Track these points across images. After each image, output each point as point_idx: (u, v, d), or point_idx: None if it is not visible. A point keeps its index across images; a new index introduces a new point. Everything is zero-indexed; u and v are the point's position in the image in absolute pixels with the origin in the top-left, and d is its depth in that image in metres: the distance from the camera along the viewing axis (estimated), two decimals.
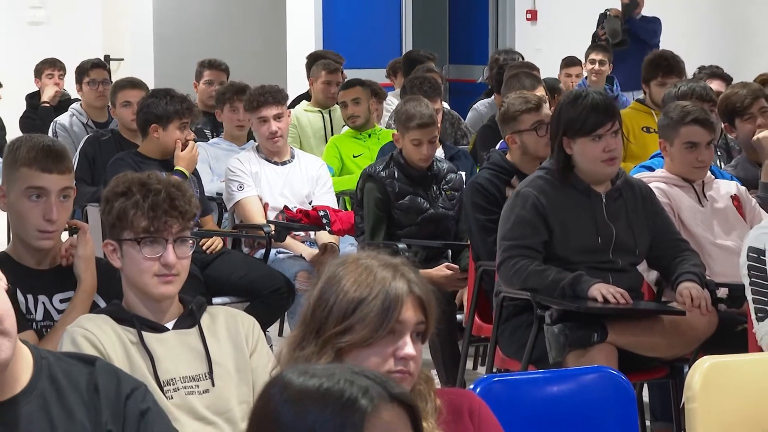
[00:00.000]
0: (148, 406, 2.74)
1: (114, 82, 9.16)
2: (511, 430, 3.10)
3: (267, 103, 7.35)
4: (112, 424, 2.67)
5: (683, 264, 5.49)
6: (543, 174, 5.54)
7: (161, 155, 7.02)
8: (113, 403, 2.69)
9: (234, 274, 6.79)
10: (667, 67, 8.60)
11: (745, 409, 3.75)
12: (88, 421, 2.66)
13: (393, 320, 2.76)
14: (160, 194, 3.66)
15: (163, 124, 7.00)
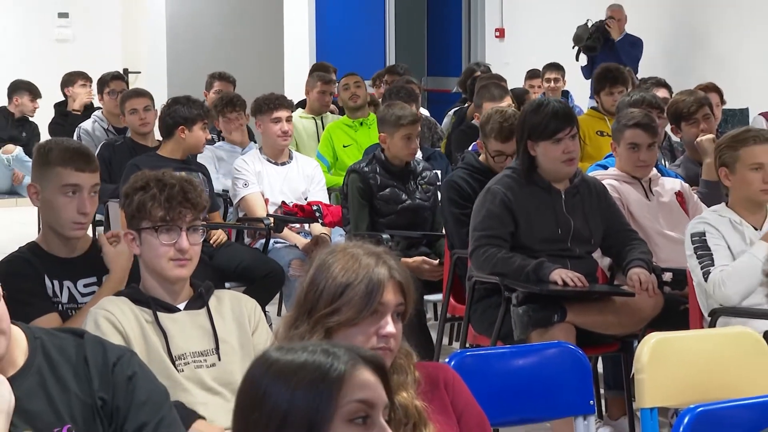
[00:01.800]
0: (134, 371, 2.72)
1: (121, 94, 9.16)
2: (482, 399, 3.09)
3: (282, 107, 7.44)
4: (103, 392, 2.65)
5: (632, 252, 5.51)
6: (510, 173, 5.55)
7: (182, 154, 7.07)
8: (101, 371, 2.68)
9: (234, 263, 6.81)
10: (613, 79, 8.71)
11: (685, 378, 3.75)
12: (81, 392, 2.65)
13: (376, 302, 2.77)
14: (175, 188, 3.69)
15: (188, 125, 7.06)
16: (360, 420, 2.04)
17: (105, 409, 2.64)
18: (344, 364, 2.05)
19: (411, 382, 2.86)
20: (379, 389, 2.08)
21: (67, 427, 2.59)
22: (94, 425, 2.62)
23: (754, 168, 5.10)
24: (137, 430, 2.63)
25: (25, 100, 11.17)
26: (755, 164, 5.11)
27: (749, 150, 5.12)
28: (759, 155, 5.11)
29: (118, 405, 2.64)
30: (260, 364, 2.12)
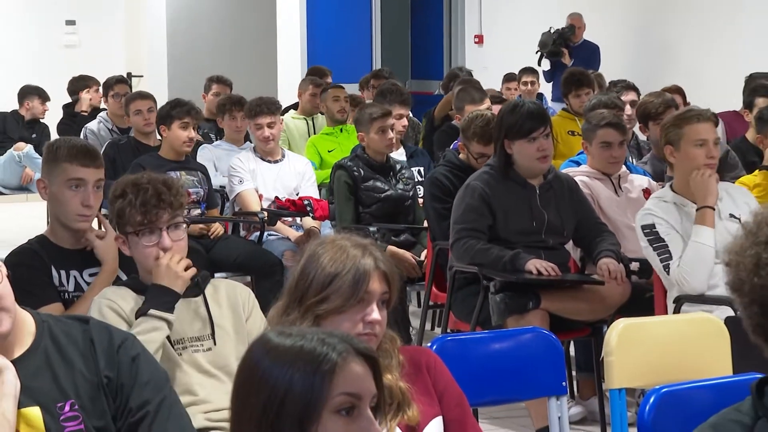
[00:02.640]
0: (137, 352, 2.72)
1: (125, 96, 9.15)
2: (462, 380, 3.08)
3: (262, 113, 7.39)
4: (108, 370, 2.64)
5: (602, 243, 5.51)
6: (488, 170, 5.55)
7: (175, 155, 7.06)
8: (107, 352, 2.67)
9: (232, 255, 6.80)
10: (578, 82, 8.76)
11: (651, 361, 3.76)
12: (86, 370, 2.64)
13: (362, 291, 2.77)
14: (148, 192, 3.66)
15: (167, 123, 7.08)
16: (345, 411, 2.04)
17: (110, 386, 2.64)
18: (337, 355, 2.05)
19: (395, 365, 2.87)
20: (368, 381, 2.07)
21: (69, 402, 2.59)
22: (99, 401, 2.61)
23: (698, 144, 5.08)
24: (141, 406, 2.63)
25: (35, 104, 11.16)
26: (699, 140, 5.08)
27: (693, 127, 5.10)
28: (702, 132, 5.10)
29: (122, 382, 2.64)
30: (260, 347, 2.11)
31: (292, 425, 2.02)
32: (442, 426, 2.93)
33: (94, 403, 2.61)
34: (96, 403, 2.61)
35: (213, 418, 3.54)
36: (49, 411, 2.57)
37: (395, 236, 6.81)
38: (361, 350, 2.09)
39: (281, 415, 2.03)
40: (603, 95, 7.50)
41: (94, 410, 2.60)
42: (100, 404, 2.61)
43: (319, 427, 2.02)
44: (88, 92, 11.31)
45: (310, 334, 2.09)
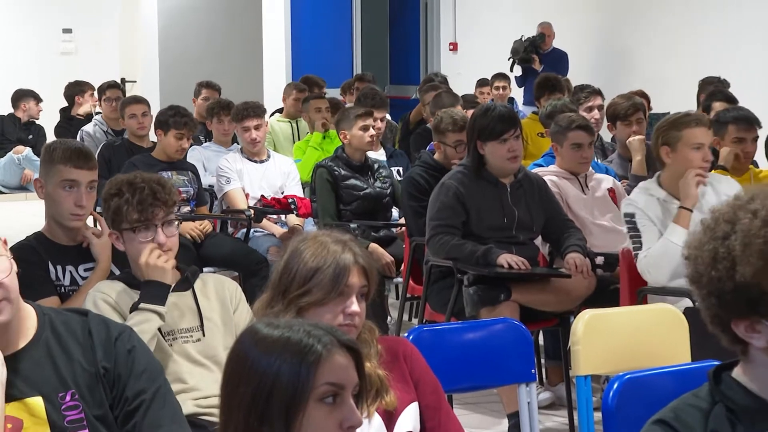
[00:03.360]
0: (133, 344, 2.71)
1: (122, 100, 9.13)
2: (437, 368, 3.08)
3: (249, 117, 7.40)
4: (105, 361, 2.64)
5: (569, 238, 5.52)
6: (461, 169, 5.55)
7: (167, 158, 7.06)
8: (105, 344, 2.66)
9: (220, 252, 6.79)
10: (552, 87, 8.77)
11: (615, 349, 3.76)
12: (85, 360, 2.63)
13: (342, 285, 2.77)
14: (145, 190, 3.67)
15: (164, 129, 7.07)
16: (330, 399, 2.04)
17: (107, 377, 2.63)
18: (322, 347, 2.05)
19: (374, 354, 2.87)
20: (351, 371, 2.07)
21: (70, 392, 2.58)
22: (97, 391, 2.60)
23: (695, 147, 5.07)
24: (136, 395, 2.62)
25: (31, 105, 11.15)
26: (696, 144, 5.07)
27: (691, 131, 5.08)
28: (699, 136, 5.08)
29: (119, 373, 2.63)
30: (249, 337, 2.10)
31: (280, 413, 2.02)
32: (418, 411, 2.93)
33: (93, 393, 2.60)
34: (94, 393, 2.60)
35: (202, 404, 3.54)
36: (51, 401, 2.56)
37: (375, 232, 6.82)
38: (344, 342, 2.09)
39: (269, 403, 2.03)
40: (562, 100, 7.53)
41: (93, 400, 2.59)
42: (99, 394, 2.60)
43: (305, 414, 2.02)
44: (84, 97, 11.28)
45: (296, 326, 2.09)
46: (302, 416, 2.02)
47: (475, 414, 5.58)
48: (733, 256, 2.03)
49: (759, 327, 2.06)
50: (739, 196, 2.12)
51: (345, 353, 2.08)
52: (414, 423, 2.90)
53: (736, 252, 2.03)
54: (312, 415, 2.02)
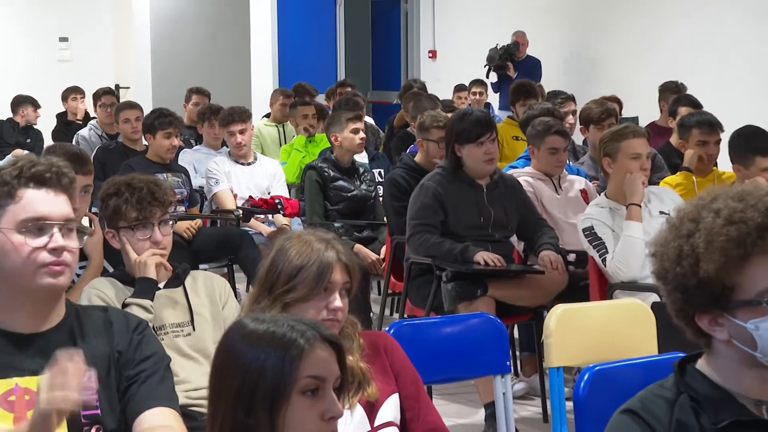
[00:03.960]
0: (147, 335, 2.73)
1: (116, 105, 9.12)
2: (416, 361, 3.08)
3: (234, 121, 7.42)
4: (121, 346, 2.66)
5: (542, 236, 5.53)
6: (440, 171, 5.55)
7: (160, 159, 7.05)
8: (123, 332, 2.68)
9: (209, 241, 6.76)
10: (526, 93, 8.79)
11: (586, 342, 3.77)
12: (103, 346, 2.64)
13: (325, 281, 2.77)
14: (143, 190, 3.68)
15: (152, 133, 7.06)
16: (311, 392, 2.04)
17: (120, 360, 2.65)
18: (305, 341, 2.04)
19: (356, 347, 2.87)
20: (332, 365, 2.07)
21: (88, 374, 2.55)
22: (111, 375, 2.62)
23: (633, 157, 5.15)
24: (138, 373, 2.64)
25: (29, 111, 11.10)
26: (634, 154, 5.16)
27: (629, 142, 5.17)
28: (637, 147, 5.17)
29: (130, 357, 2.65)
30: (236, 331, 2.10)
31: (265, 404, 2.02)
32: (399, 402, 2.92)
33: (108, 375, 2.62)
34: (109, 376, 2.62)
35: (192, 396, 3.53)
36: None
37: (358, 232, 6.81)
38: (327, 337, 2.09)
39: (255, 395, 2.02)
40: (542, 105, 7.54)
41: (108, 382, 2.61)
42: (111, 378, 2.62)
43: (289, 406, 2.02)
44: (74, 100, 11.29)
45: (281, 321, 2.09)
46: (286, 408, 2.02)
47: (454, 404, 5.58)
48: (696, 253, 2.04)
49: (721, 320, 2.06)
50: (703, 196, 2.13)
51: (327, 347, 2.08)
52: (395, 413, 2.90)
53: (699, 249, 2.03)
54: (295, 406, 2.02)
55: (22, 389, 2.53)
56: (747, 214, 2.02)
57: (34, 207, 2.56)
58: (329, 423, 2.04)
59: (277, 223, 7.25)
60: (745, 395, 2.08)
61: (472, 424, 5.31)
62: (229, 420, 2.04)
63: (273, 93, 10.51)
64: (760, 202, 2.03)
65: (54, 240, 2.55)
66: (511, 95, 9.04)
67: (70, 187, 2.65)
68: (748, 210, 2.02)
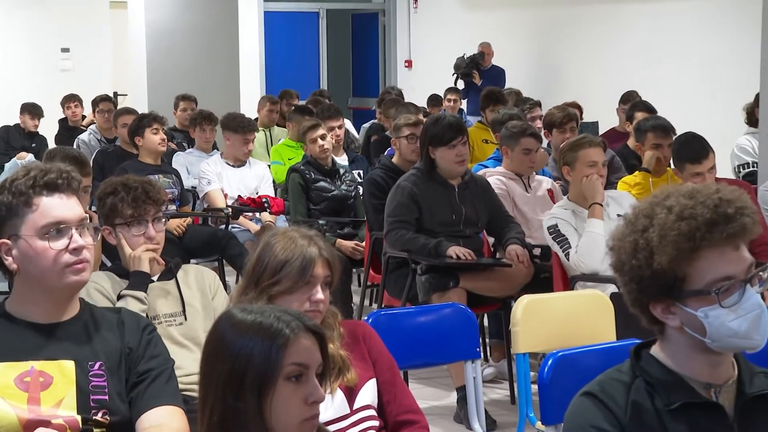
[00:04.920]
0: (155, 335, 2.75)
1: (115, 111, 9.10)
2: (393, 348, 3.07)
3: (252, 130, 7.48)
4: (131, 343, 2.66)
5: (510, 232, 5.53)
6: (415, 172, 5.55)
7: (153, 159, 7.04)
8: (134, 330, 2.69)
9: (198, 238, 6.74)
10: (496, 99, 8.80)
11: (550, 330, 3.78)
12: (115, 341, 2.66)
13: (308, 275, 2.76)
14: (138, 189, 3.68)
15: (140, 134, 7.08)
16: (295, 378, 2.03)
17: (130, 356, 2.65)
18: (290, 331, 2.04)
19: (336, 336, 2.86)
20: (315, 353, 2.07)
21: (99, 363, 2.61)
22: (121, 368, 2.63)
23: (590, 165, 5.18)
24: (146, 371, 2.64)
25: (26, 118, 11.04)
26: (591, 162, 5.18)
27: (586, 151, 5.20)
28: (593, 155, 5.20)
29: (139, 353, 2.66)
30: (225, 321, 2.10)
31: (252, 389, 2.02)
32: (376, 386, 2.92)
33: (118, 368, 2.62)
34: (119, 369, 2.63)
35: (184, 381, 3.47)
36: (81, 366, 2.59)
37: (339, 229, 6.81)
38: (310, 327, 2.08)
39: (243, 380, 2.02)
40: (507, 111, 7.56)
41: (118, 374, 2.62)
42: (121, 371, 2.63)
43: (275, 391, 2.02)
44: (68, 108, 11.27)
45: (268, 312, 2.09)
46: (272, 392, 2.01)
47: (428, 387, 5.58)
48: (651, 247, 2.04)
49: (674, 309, 2.07)
50: (657, 194, 2.13)
51: (310, 336, 2.07)
52: (372, 397, 2.89)
53: (653, 243, 2.04)
54: (281, 391, 2.02)
55: (37, 372, 2.55)
56: (697, 211, 2.03)
57: (52, 212, 2.57)
58: (312, 406, 2.04)
59: (263, 220, 7.25)
60: (696, 379, 2.09)
61: (445, 406, 5.31)
62: (219, 404, 2.04)
63: (260, 100, 10.48)
64: (708, 199, 2.04)
65: (74, 241, 2.57)
66: (481, 101, 9.06)
67: (79, 189, 2.67)
68: (698, 207, 2.03)
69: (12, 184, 2.59)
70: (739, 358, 2.13)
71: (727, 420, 2.07)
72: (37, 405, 2.52)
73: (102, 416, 2.56)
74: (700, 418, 2.05)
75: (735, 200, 2.04)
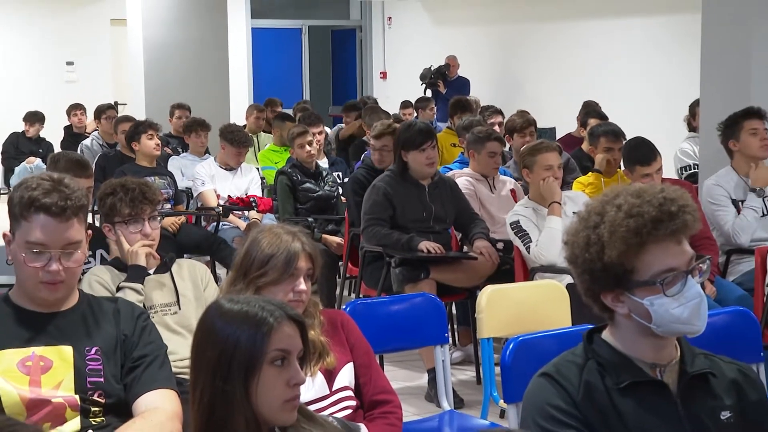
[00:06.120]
0: (149, 323, 2.74)
1: (115, 118, 9.07)
2: (369, 334, 3.07)
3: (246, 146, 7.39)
4: (127, 330, 2.66)
5: (476, 228, 5.53)
6: (389, 173, 5.54)
7: (149, 162, 7.01)
8: (129, 318, 2.69)
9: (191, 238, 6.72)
10: (462, 107, 8.81)
11: (512, 317, 3.78)
12: (111, 328, 2.65)
13: (292, 268, 2.75)
14: (135, 190, 3.67)
15: (136, 140, 7.04)
16: (279, 362, 2.03)
17: (126, 342, 2.65)
18: (273, 320, 2.03)
19: (317, 323, 2.85)
20: (296, 339, 2.06)
21: (95, 348, 2.61)
22: (116, 353, 2.63)
23: (547, 168, 5.18)
24: (141, 357, 2.63)
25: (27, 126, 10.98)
26: (547, 165, 5.18)
27: (543, 156, 5.20)
28: (550, 159, 5.20)
29: (134, 340, 2.65)
30: (214, 310, 2.09)
31: (239, 373, 2.01)
32: (353, 369, 2.91)
33: (114, 353, 2.62)
34: (115, 353, 2.62)
35: (178, 365, 3.47)
36: (79, 351, 2.59)
37: (326, 226, 6.80)
38: (292, 316, 2.08)
39: (231, 365, 2.01)
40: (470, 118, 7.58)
41: (113, 358, 2.61)
42: (117, 356, 2.62)
43: (260, 374, 2.01)
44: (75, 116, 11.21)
45: (253, 302, 2.08)
46: (258, 376, 2.01)
47: (402, 370, 5.58)
48: (602, 242, 2.04)
49: (623, 298, 2.08)
50: (607, 193, 2.13)
51: (292, 325, 2.06)
52: (350, 379, 2.89)
53: (604, 238, 2.04)
54: (265, 375, 2.01)
55: (37, 357, 2.55)
56: (643, 209, 2.03)
57: (36, 233, 2.54)
58: (293, 388, 2.04)
59: (250, 218, 7.23)
60: (642, 360, 2.09)
61: (417, 386, 5.31)
62: (209, 387, 2.03)
63: (248, 108, 10.48)
64: (654, 198, 2.05)
65: (50, 264, 2.55)
66: (449, 109, 9.07)
67: (78, 213, 2.59)
68: (644, 205, 2.03)
69: (26, 189, 2.56)
70: (681, 341, 2.14)
71: (671, 396, 2.07)
72: (38, 387, 2.52)
73: (98, 396, 2.56)
74: (646, 395, 2.06)
75: (678, 199, 2.04)
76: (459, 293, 5.47)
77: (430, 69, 12.77)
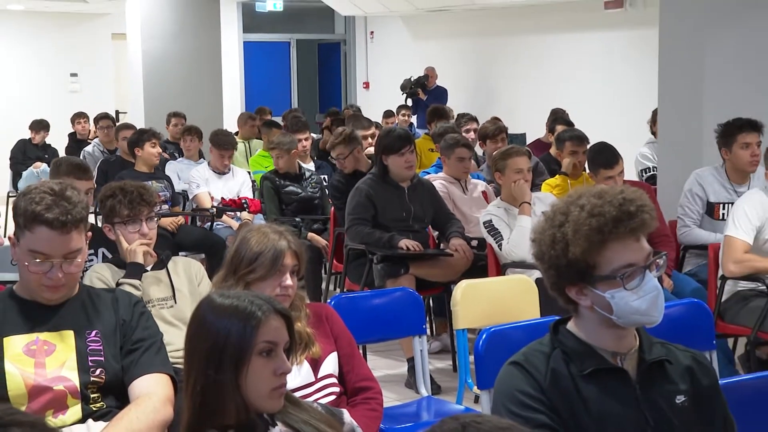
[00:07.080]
0: (146, 311, 2.75)
1: (116, 125, 9.04)
2: (352, 326, 3.06)
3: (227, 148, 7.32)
4: (125, 316, 2.66)
5: (452, 227, 5.54)
6: (371, 176, 5.54)
7: (148, 168, 6.98)
8: (127, 306, 2.69)
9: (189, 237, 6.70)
10: (439, 115, 8.80)
11: (484, 309, 3.78)
12: (110, 314, 2.66)
13: (279, 264, 2.74)
14: (134, 193, 3.67)
15: (140, 146, 6.99)
16: (266, 353, 2.02)
17: (124, 327, 2.65)
18: (261, 313, 2.03)
19: (303, 316, 2.85)
20: (283, 331, 2.05)
21: (95, 331, 2.61)
22: (115, 336, 2.63)
23: (517, 171, 5.18)
24: (139, 340, 2.63)
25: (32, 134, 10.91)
26: (518, 169, 5.18)
27: (513, 160, 5.20)
28: (520, 163, 5.20)
29: (132, 325, 2.66)
30: (206, 304, 2.08)
31: (230, 363, 2.00)
32: (337, 359, 2.90)
33: (113, 336, 2.62)
34: (114, 336, 2.63)
35: (174, 356, 3.42)
36: (80, 334, 2.60)
37: (312, 225, 6.78)
38: (279, 309, 2.07)
39: (222, 356, 2.00)
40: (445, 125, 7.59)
41: (113, 340, 2.62)
42: (116, 338, 2.63)
43: (249, 365, 2.00)
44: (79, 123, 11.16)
45: (243, 296, 2.07)
46: (247, 366, 2.00)
47: (383, 359, 5.58)
48: (566, 240, 2.04)
49: (586, 291, 2.08)
50: (571, 194, 2.13)
51: (279, 318, 2.06)
52: (334, 368, 2.88)
53: (568, 236, 2.04)
54: (254, 365, 2.01)
55: (41, 341, 2.57)
56: (605, 209, 2.03)
57: (38, 244, 2.53)
58: (280, 377, 2.03)
59: (242, 218, 7.22)
60: (604, 348, 2.10)
61: (397, 374, 5.30)
62: (201, 376, 2.02)
63: (240, 116, 10.47)
64: (614, 199, 2.05)
65: (51, 272, 2.55)
66: (427, 116, 9.07)
67: (79, 225, 2.57)
68: (606, 205, 2.03)
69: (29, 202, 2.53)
70: (640, 331, 2.14)
71: (631, 382, 2.07)
72: (43, 369, 2.53)
73: (99, 375, 2.57)
74: (608, 381, 2.06)
75: (636, 199, 2.05)
76: (436, 287, 5.48)
77: (409, 79, 12.77)
